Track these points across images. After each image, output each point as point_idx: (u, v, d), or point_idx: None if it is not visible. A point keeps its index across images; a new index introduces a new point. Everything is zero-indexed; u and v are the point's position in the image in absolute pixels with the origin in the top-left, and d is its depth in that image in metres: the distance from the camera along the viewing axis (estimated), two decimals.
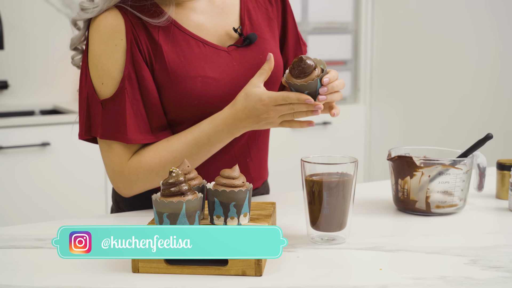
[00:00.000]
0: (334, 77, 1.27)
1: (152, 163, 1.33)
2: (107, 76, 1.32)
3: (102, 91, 1.33)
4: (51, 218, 2.83)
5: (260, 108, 1.27)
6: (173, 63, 1.33)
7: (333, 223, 1.18)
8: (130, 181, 1.34)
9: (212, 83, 1.34)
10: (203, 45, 1.37)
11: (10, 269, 1.09)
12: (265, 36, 1.43)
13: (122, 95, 1.31)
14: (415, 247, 1.18)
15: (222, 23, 1.40)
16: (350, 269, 1.10)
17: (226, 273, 1.04)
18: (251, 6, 1.44)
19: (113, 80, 1.32)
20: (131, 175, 1.34)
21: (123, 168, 1.34)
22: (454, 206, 1.37)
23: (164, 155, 1.33)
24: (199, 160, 1.35)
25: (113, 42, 1.32)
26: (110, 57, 1.32)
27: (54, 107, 3.27)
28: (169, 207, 1.06)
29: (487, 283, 1.02)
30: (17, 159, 2.81)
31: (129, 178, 1.34)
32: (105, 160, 1.36)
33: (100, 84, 1.33)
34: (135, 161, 1.34)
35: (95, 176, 2.93)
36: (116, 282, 1.02)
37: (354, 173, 1.18)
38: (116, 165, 1.34)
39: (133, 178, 1.34)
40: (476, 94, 3.30)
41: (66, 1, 3.34)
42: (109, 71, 1.32)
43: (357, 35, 3.78)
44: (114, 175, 1.35)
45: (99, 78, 1.33)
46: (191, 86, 1.33)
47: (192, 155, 1.33)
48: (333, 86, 1.27)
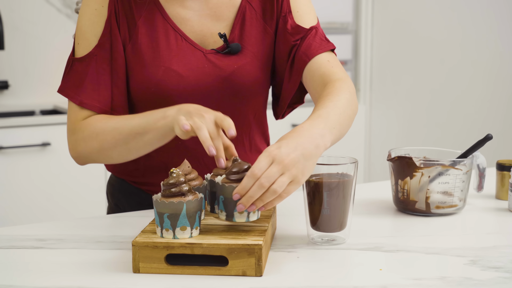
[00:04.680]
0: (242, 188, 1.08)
1: (97, 124, 1.33)
2: (82, 37, 1.37)
3: (76, 51, 1.37)
4: (51, 218, 2.84)
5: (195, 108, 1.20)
6: (144, 47, 1.36)
7: (333, 224, 1.18)
8: (76, 139, 1.35)
9: (174, 76, 1.35)
10: (181, 38, 1.37)
11: (11, 270, 1.09)
12: (252, 49, 1.39)
13: (90, 60, 1.35)
14: (415, 247, 1.18)
15: (209, 25, 1.39)
16: (350, 270, 1.10)
17: (227, 274, 1.05)
18: (249, 16, 1.40)
19: (86, 41, 1.36)
20: (78, 133, 1.35)
21: (74, 125, 1.36)
22: (454, 206, 1.38)
23: (109, 121, 1.32)
24: (137, 144, 1.28)
25: (94, 6, 1.36)
26: (89, 18, 1.36)
27: (54, 107, 3.27)
28: (169, 207, 1.06)
29: (487, 284, 1.02)
30: (17, 159, 2.81)
31: (76, 137, 1.35)
32: (67, 122, 1.40)
33: (76, 44, 1.38)
34: (85, 121, 1.35)
35: (95, 176, 2.93)
36: (117, 282, 1.03)
37: (354, 173, 1.18)
38: (70, 122, 1.37)
39: (79, 136, 1.35)
40: (476, 94, 3.30)
41: (67, 1, 3.34)
42: (85, 32, 1.36)
43: (357, 36, 3.79)
44: (68, 133, 1.38)
45: (77, 38, 1.38)
46: (153, 72, 1.35)
47: (129, 132, 1.28)
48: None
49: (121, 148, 1.30)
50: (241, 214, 1.12)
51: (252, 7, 1.40)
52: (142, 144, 1.28)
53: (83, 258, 1.13)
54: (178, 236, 1.07)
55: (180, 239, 1.06)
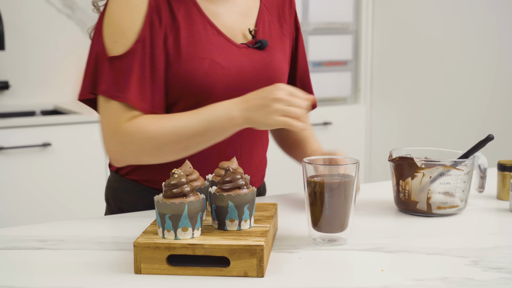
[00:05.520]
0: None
1: (150, 127, 1.31)
2: (121, 34, 1.32)
3: (113, 49, 1.32)
4: (52, 218, 2.83)
5: (271, 88, 1.27)
6: (186, 41, 1.35)
7: (334, 224, 1.18)
8: (123, 142, 1.32)
9: (219, 68, 1.36)
10: (217, 33, 1.39)
11: (12, 270, 1.09)
12: (275, 47, 1.46)
13: (132, 57, 1.32)
14: (416, 248, 1.18)
15: (238, 22, 1.43)
16: (351, 270, 1.10)
17: (228, 274, 1.05)
18: (267, 19, 1.47)
19: (126, 39, 1.32)
20: (125, 135, 1.31)
21: (118, 127, 1.31)
22: (455, 207, 1.38)
23: (164, 122, 1.31)
24: (195, 144, 1.32)
25: (134, 2, 1.33)
26: (128, 15, 1.33)
27: (55, 107, 3.27)
28: (171, 208, 1.06)
29: (488, 284, 1.02)
30: (18, 160, 2.81)
31: (122, 140, 1.32)
32: (102, 121, 1.34)
33: (112, 42, 1.33)
34: (132, 123, 1.31)
35: (96, 176, 2.93)
36: (118, 283, 1.03)
37: (356, 174, 1.18)
38: (112, 124, 1.32)
39: (127, 139, 1.31)
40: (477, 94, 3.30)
41: (67, 2, 3.35)
42: (124, 29, 1.32)
43: (357, 36, 3.79)
44: (109, 136, 1.33)
45: (112, 36, 1.33)
46: (198, 65, 1.35)
47: (190, 134, 1.30)
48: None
49: (180, 150, 1.31)
50: (232, 223, 1.12)
51: (269, 12, 1.48)
52: (203, 145, 1.32)
53: (84, 259, 1.13)
54: (180, 237, 1.07)
55: (182, 240, 1.06)
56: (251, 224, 1.14)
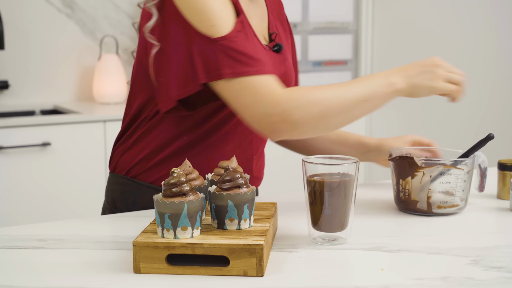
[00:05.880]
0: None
1: (313, 91, 1.27)
2: (216, 17, 1.27)
3: (214, 33, 1.27)
4: (52, 218, 2.83)
5: (427, 59, 1.29)
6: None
7: (334, 224, 1.18)
8: (286, 109, 1.25)
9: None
10: (253, 33, 1.36)
11: (11, 270, 1.09)
12: (286, 50, 1.48)
13: (239, 34, 1.28)
14: (416, 247, 1.18)
15: (260, 24, 1.44)
16: (351, 270, 1.10)
17: (228, 274, 1.04)
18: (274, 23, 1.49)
19: (223, 20, 1.27)
20: (288, 102, 1.25)
21: (276, 96, 1.25)
22: (455, 206, 1.37)
23: (324, 88, 1.29)
24: (357, 111, 1.31)
25: None
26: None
27: (54, 107, 3.27)
28: (170, 207, 1.06)
29: (489, 284, 1.02)
30: (18, 159, 2.81)
31: (285, 107, 1.25)
32: (246, 100, 1.26)
33: (209, 27, 1.27)
34: (292, 89, 1.28)
35: (96, 176, 2.93)
36: (118, 283, 1.02)
37: (356, 173, 1.18)
38: (265, 96, 1.25)
39: (291, 105, 1.25)
40: (477, 94, 3.30)
41: (67, 1, 3.34)
42: (218, 11, 1.27)
43: (357, 35, 3.79)
44: (266, 108, 1.25)
45: (207, 22, 1.27)
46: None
47: (354, 100, 1.29)
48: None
49: (343, 116, 1.29)
50: (231, 222, 1.12)
51: (273, 17, 1.50)
52: (365, 111, 1.32)
53: (83, 258, 1.13)
54: (179, 236, 1.07)
55: (181, 239, 1.06)
56: (251, 224, 1.14)
